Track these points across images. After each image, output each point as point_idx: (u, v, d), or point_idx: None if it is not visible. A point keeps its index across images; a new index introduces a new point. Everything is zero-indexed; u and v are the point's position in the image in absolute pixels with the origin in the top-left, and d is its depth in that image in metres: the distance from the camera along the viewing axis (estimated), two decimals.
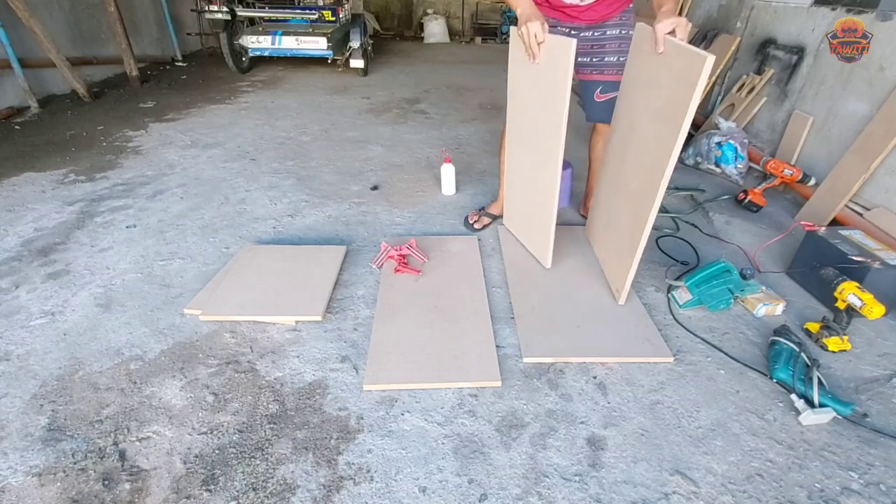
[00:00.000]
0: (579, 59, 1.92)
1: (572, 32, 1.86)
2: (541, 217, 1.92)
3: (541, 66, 1.63)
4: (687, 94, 1.33)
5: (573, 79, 1.54)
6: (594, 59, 1.94)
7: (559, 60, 1.53)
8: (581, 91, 2.07)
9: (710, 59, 1.25)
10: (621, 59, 1.86)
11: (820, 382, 1.40)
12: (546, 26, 1.55)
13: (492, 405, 1.41)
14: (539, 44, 1.56)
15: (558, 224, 1.92)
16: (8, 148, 3.15)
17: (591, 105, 2.04)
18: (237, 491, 1.17)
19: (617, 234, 1.82)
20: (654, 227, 2.34)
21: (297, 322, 1.69)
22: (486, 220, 2.33)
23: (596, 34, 1.88)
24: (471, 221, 2.32)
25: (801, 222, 2.05)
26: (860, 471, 1.23)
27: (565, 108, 1.58)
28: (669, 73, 1.42)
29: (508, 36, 1.86)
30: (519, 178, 2.06)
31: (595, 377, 1.50)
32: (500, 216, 2.40)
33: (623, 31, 1.87)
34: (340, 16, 5.39)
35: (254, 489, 1.17)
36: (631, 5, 1.88)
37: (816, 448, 1.29)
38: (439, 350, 1.56)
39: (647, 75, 1.55)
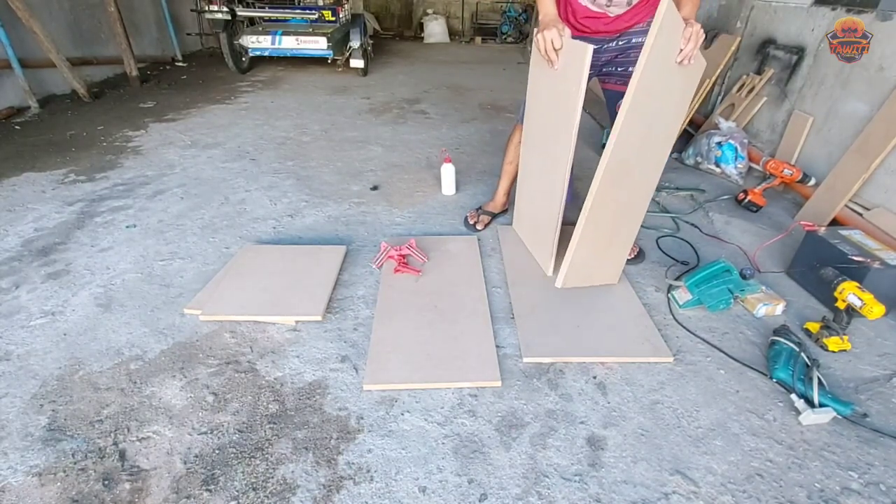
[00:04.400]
0: (604, 69, 1.87)
1: (595, 45, 1.79)
2: (545, 225, 1.92)
3: (559, 72, 1.60)
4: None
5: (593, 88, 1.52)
6: (618, 69, 1.84)
7: (574, 66, 1.50)
8: (605, 101, 2.01)
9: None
10: None
11: (820, 382, 1.40)
12: (567, 32, 1.52)
13: (492, 405, 1.41)
14: (557, 50, 1.53)
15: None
16: (8, 148, 3.15)
17: (614, 116, 1.95)
18: (237, 491, 1.17)
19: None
20: (654, 227, 2.35)
21: (297, 322, 1.69)
22: (485, 218, 2.33)
23: (621, 43, 1.79)
24: (471, 222, 2.32)
25: (801, 222, 2.05)
26: (860, 471, 1.24)
27: (576, 117, 1.55)
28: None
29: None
30: (529, 183, 2.06)
31: (595, 377, 1.50)
32: (499, 213, 2.41)
33: None
34: (340, 16, 5.40)
35: (254, 489, 1.17)
36: None
37: (816, 448, 1.29)
38: (439, 350, 1.56)
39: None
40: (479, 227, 2.30)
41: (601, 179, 1.56)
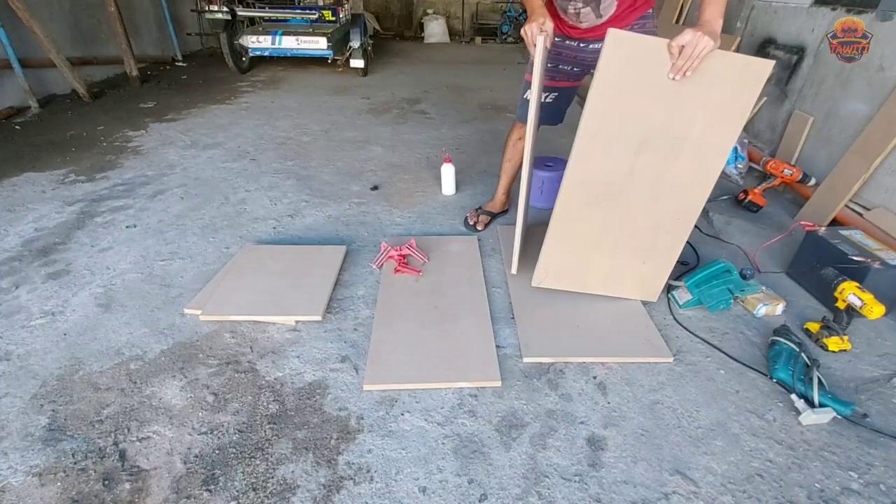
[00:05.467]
0: (592, 71, 1.86)
1: (581, 45, 1.81)
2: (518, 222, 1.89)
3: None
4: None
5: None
6: None
7: (534, 57, 1.51)
8: None
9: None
10: None
11: (820, 382, 1.40)
12: (549, 25, 1.53)
13: (492, 405, 1.41)
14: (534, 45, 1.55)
15: None
16: (8, 148, 3.16)
17: None
18: (237, 491, 1.17)
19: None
20: None
21: (297, 322, 1.69)
22: (485, 218, 2.33)
23: None
24: (471, 222, 2.32)
25: (801, 222, 2.05)
26: (860, 471, 1.24)
27: (533, 108, 1.55)
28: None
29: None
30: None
31: (595, 377, 1.50)
32: (499, 213, 2.41)
33: None
34: (340, 16, 5.39)
35: (254, 489, 1.17)
36: (650, 11, 1.75)
37: (816, 448, 1.29)
38: (439, 350, 1.56)
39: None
40: (479, 227, 2.30)
41: (560, 198, 1.59)
